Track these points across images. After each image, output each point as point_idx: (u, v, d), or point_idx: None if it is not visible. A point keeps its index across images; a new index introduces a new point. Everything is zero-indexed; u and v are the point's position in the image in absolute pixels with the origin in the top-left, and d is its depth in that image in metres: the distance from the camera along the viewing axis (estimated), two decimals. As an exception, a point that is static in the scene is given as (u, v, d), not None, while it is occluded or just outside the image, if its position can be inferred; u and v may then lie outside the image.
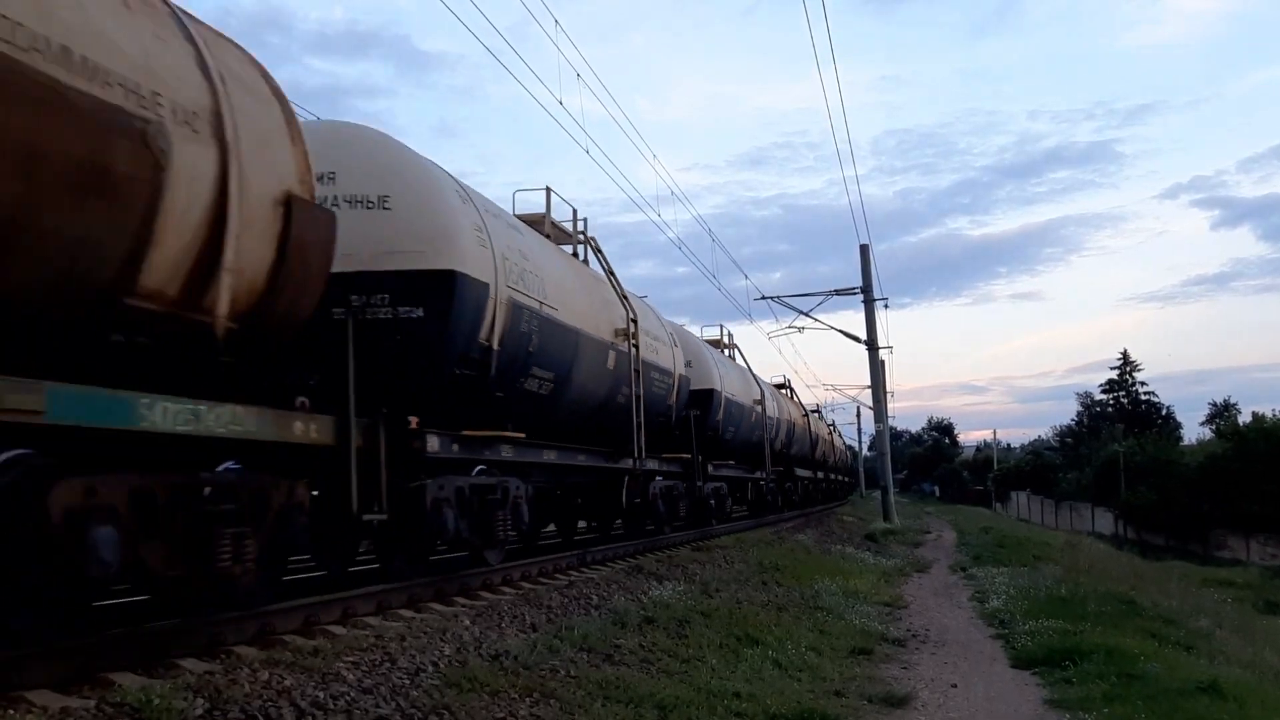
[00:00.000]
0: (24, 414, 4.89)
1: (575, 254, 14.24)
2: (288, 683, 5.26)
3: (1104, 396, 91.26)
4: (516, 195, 13.29)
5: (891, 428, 48.46)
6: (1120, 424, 76.32)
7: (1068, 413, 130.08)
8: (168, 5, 6.13)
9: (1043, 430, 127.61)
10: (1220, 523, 49.61)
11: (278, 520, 6.83)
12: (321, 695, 5.18)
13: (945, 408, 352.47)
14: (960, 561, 20.51)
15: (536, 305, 10.75)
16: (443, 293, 8.86)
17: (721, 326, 28.64)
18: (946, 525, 40.41)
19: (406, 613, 8.13)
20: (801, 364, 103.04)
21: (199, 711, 4.65)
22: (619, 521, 17.04)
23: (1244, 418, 64.61)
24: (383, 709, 5.20)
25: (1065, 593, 13.03)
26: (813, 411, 42.85)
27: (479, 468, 10.02)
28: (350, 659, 5.94)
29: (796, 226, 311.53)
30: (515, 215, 12.43)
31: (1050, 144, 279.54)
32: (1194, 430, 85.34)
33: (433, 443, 8.82)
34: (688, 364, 18.57)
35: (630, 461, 14.25)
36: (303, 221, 6.68)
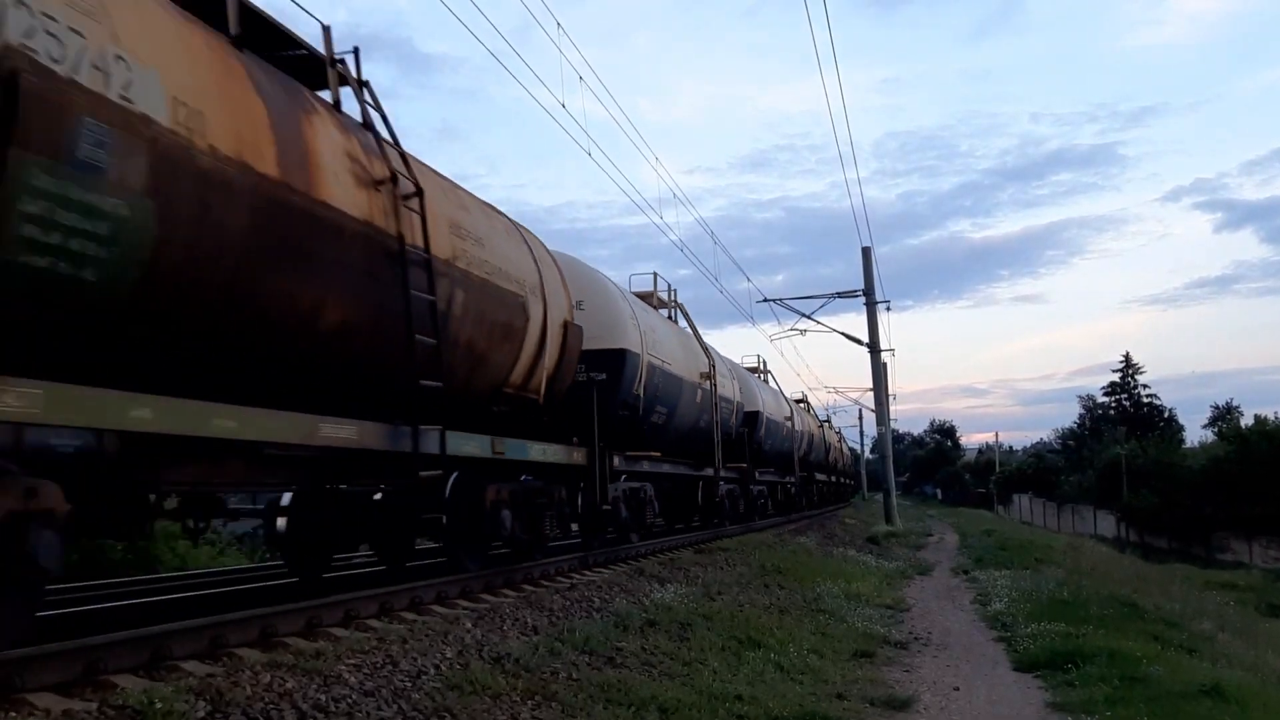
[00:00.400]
0: (495, 455, 9.91)
1: (670, 317, 19.05)
2: (289, 685, 5.26)
3: (1106, 399, 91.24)
4: (632, 278, 17.86)
5: (893, 430, 48.45)
6: (1122, 427, 76.31)
7: (1070, 415, 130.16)
8: (514, 224, 11.41)
9: (1045, 433, 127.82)
10: (1222, 525, 49.57)
11: (556, 508, 12.00)
12: (323, 698, 5.18)
13: (947, 410, 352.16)
14: (962, 564, 20.50)
15: (660, 363, 15.82)
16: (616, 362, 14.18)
17: (759, 357, 32.67)
18: (948, 528, 40.40)
19: (409, 615, 8.13)
20: (804, 366, 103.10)
21: (201, 714, 4.65)
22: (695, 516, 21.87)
23: (1246, 420, 64.62)
24: (384, 711, 5.20)
25: (1067, 595, 13.02)
26: (823, 421, 43.98)
27: (623, 475, 14.59)
28: (352, 661, 5.94)
29: (798, 229, 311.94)
30: (634, 292, 17.10)
31: (1052, 146, 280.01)
32: (1196, 433, 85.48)
33: (617, 460, 13.63)
34: (740, 391, 23.39)
35: (710, 470, 19.46)
36: (571, 335, 11.95)
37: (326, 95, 8.03)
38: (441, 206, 9.08)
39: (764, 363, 32.53)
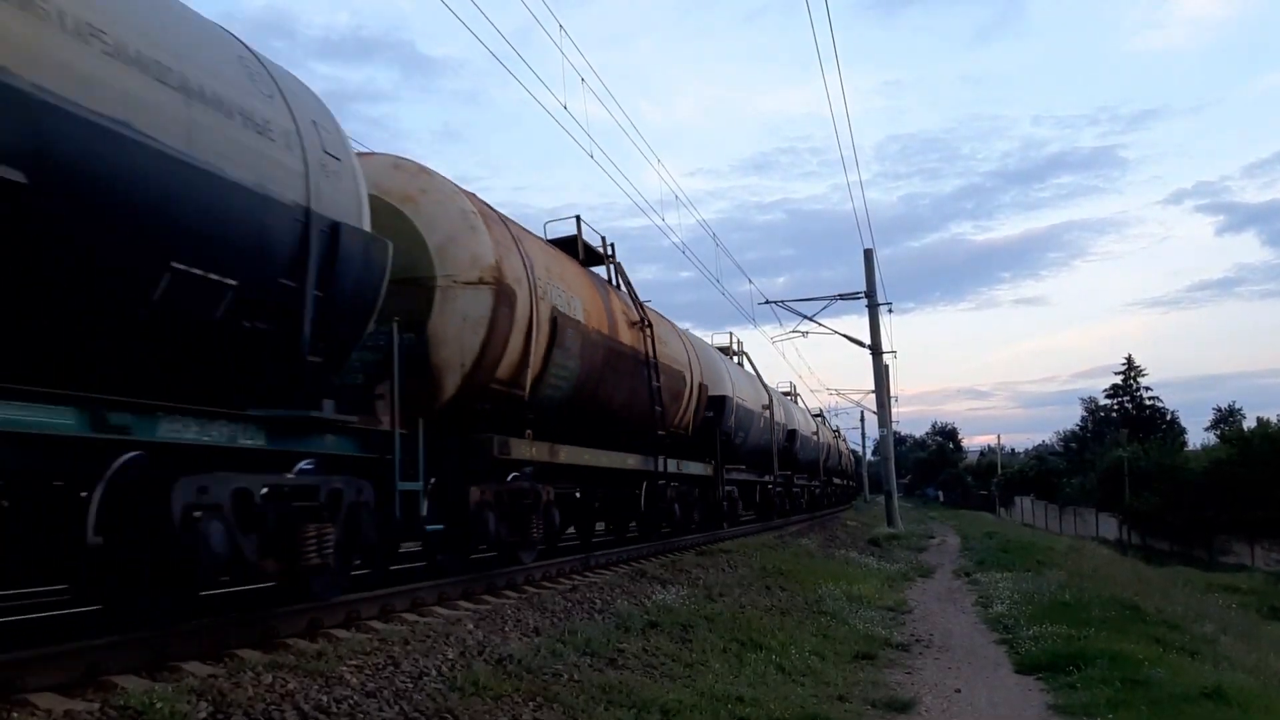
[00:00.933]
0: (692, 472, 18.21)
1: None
2: (291, 686, 5.27)
3: (1108, 401, 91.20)
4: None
5: (895, 432, 48.40)
6: (1124, 429, 76.25)
7: (1072, 418, 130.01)
8: (674, 326, 18.26)
9: (1047, 435, 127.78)
10: (1225, 528, 49.50)
11: (695, 501, 18.52)
12: (325, 699, 5.18)
13: (949, 412, 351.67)
14: (964, 566, 20.49)
15: (741, 401, 22.85)
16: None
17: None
18: (950, 530, 40.37)
19: (410, 616, 8.13)
20: (805, 368, 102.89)
21: (202, 715, 4.66)
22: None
23: (1249, 423, 64.60)
24: (386, 713, 5.20)
25: (1069, 598, 13.00)
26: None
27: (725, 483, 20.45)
28: (354, 662, 5.94)
29: (800, 231, 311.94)
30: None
31: (1054, 149, 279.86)
32: (1198, 435, 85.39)
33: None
34: (784, 414, 28.19)
35: (769, 477, 27.10)
36: (703, 391, 19.14)
37: (601, 270, 15.05)
38: (659, 330, 15.80)
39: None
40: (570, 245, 13.96)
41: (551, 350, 11.16)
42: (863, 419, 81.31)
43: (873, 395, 37.26)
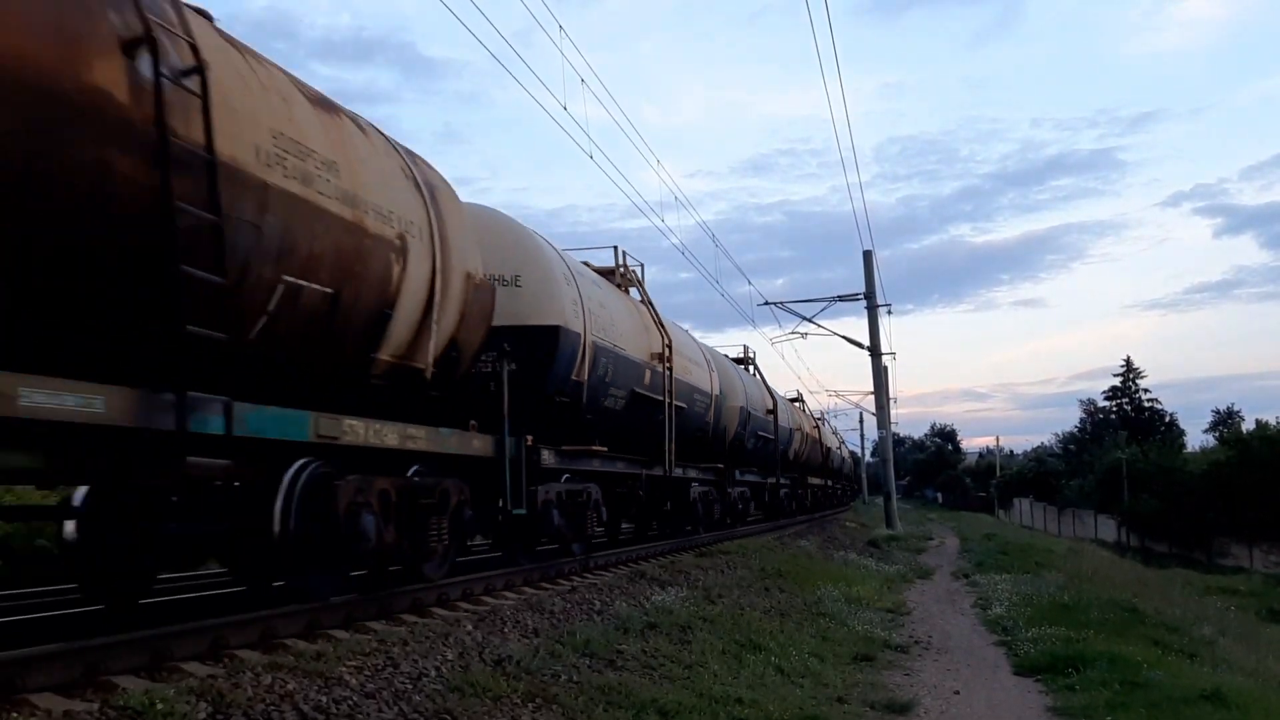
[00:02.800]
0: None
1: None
2: (290, 686, 5.27)
3: (1107, 403, 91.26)
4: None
5: (894, 434, 48.43)
6: (1123, 431, 76.27)
7: (1071, 419, 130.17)
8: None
9: (1045, 437, 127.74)
10: (1224, 530, 49.55)
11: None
12: (324, 699, 5.18)
13: (948, 414, 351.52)
14: (963, 568, 20.50)
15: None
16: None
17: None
18: (949, 532, 40.38)
19: (410, 617, 8.13)
20: (804, 370, 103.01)
21: (202, 715, 4.65)
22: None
23: (1248, 425, 64.63)
24: (385, 713, 5.20)
25: (1068, 600, 13.02)
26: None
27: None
28: (353, 663, 5.94)
29: (799, 233, 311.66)
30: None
31: (1053, 151, 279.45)
32: (1197, 438, 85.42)
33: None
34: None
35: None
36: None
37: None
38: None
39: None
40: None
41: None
42: (861, 420, 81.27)
43: (872, 397, 37.30)
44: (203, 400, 5.96)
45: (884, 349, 34.96)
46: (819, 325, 35.33)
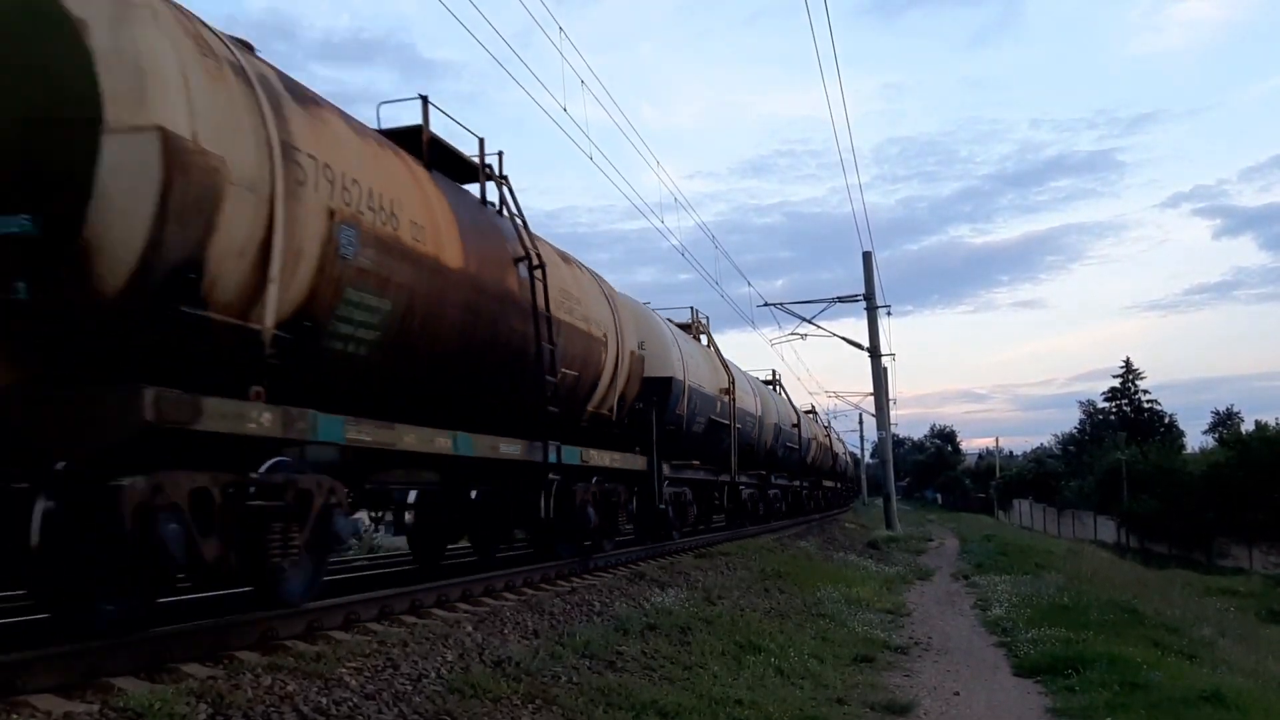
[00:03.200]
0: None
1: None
2: (290, 688, 5.26)
3: (1106, 404, 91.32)
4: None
5: (894, 435, 48.40)
6: (1123, 432, 76.30)
7: (1070, 420, 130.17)
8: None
9: (1045, 438, 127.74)
10: (1223, 531, 49.54)
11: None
12: (324, 701, 5.18)
13: (947, 415, 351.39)
14: (963, 569, 20.49)
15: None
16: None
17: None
18: (949, 533, 40.36)
19: (409, 618, 8.13)
20: (804, 371, 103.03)
21: (202, 717, 4.65)
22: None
23: (1247, 426, 64.64)
24: (385, 715, 5.20)
25: (1068, 601, 13.01)
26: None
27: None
28: (353, 664, 5.94)
29: (799, 234, 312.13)
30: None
31: (1052, 152, 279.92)
32: (1197, 439, 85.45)
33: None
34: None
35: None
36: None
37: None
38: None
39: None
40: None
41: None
42: (861, 421, 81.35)
43: (871, 398, 37.29)
44: (550, 446, 11.05)
45: (883, 350, 34.98)
46: (818, 326, 35.33)
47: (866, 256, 35.06)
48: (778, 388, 32.83)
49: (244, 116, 6.32)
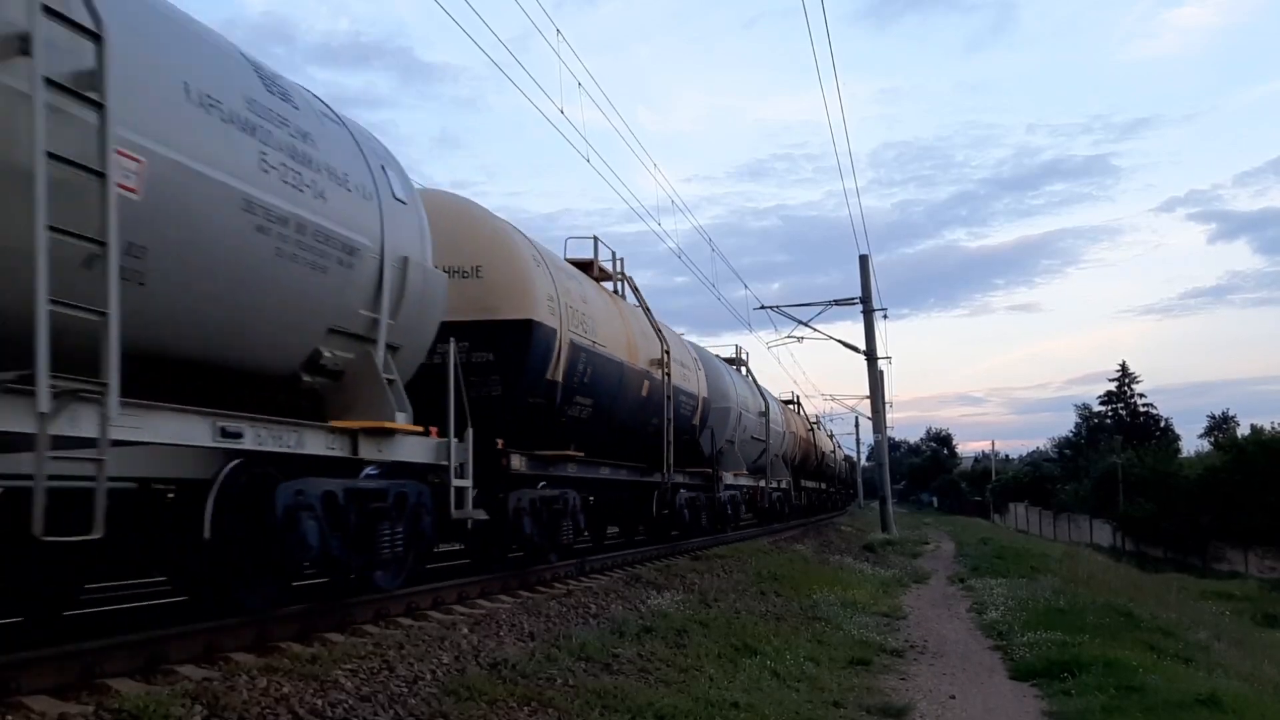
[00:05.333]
0: None
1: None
2: (286, 690, 5.26)
3: (1103, 408, 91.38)
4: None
5: (890, 438, 48.45)
6: (1119, 436, 76.36)
7: (1066, 424, 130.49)
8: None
9: (1041, 442, 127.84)
10: (1219, 535, 49.61)
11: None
12: (319, 703, 5.17)
13: (943, 418, 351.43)
14: (959, 572, 20.49)
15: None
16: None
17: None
18: (945, 536, 40.36)
19: (405, 620, 8.12)
20: (800, 374, 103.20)
21: (197, 718, 4.64)
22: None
23: (1243, 430, 64.76)
24: (381, 717, 5.19)
25: (1064, 604, 13.02)
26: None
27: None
28: (348, 667, 5.93)
29: (795, 237, 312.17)
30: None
31: (1047, 157, 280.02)
32: (1193, 442, 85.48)
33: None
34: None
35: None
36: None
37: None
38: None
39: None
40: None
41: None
42: (857, 424, 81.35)
43: (868, 401, 37.32)
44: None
45: (880, 353, 35.05)
46: (815, 329, 35.24)
47: (863, 260, 35.10)
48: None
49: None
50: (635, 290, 17.00)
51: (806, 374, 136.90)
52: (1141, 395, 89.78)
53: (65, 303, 4.56)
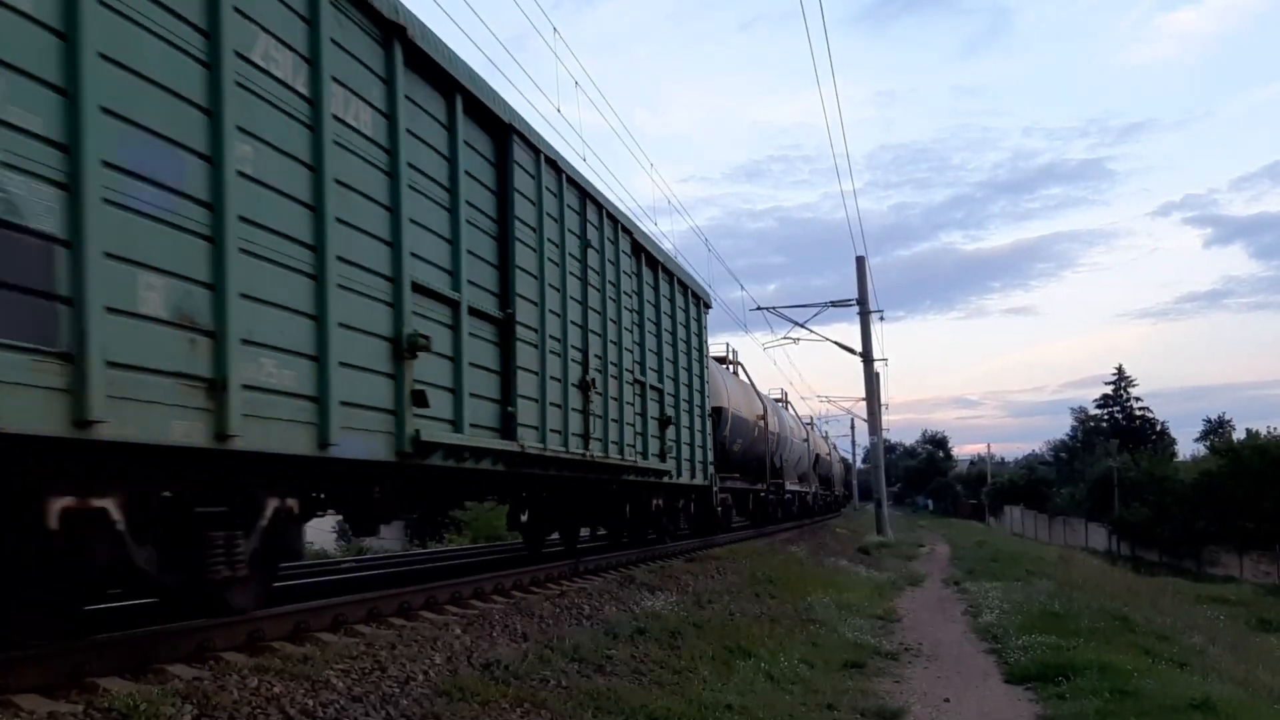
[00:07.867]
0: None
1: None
2: (277, 690, 5.23)
3: (1098, 411, 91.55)
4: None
5: (886, 440, 48.45)
6: (1114, 439, 76.47)
7: (1061, 427, 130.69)
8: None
9: (1036, 445, 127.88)
10: (1214, 539, 49.67)
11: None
12: (311, 703, 5.14)
13: (939, 421, 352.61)
14: (954, 575, 20.50)
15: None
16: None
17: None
18: (940, 539, 40.41)
19: (398, 620, 8.09)
20: (796, 376, 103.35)
21: (187, 718, 4.62)
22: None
23: (1238, 434, 64.82)
24: (372, 717, 5.17)
25: (1059, 608, 13.01)
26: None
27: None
28: (340, 666, 5.90)
29: (791, 239, 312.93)
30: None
31: (1043, 160, 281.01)
32: (1188, 446, 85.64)
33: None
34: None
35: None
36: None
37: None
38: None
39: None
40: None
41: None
42: (853, 426, 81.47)
43: (863, 403, 37.35)
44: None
45: (876, 355, 35.09)
46: (811, 331, 35.34)
47: (859, 261, 35.14)
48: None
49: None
50: (746, 373, 26.40)
51: (803, 376, 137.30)
52: (1137, 399, 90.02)
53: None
